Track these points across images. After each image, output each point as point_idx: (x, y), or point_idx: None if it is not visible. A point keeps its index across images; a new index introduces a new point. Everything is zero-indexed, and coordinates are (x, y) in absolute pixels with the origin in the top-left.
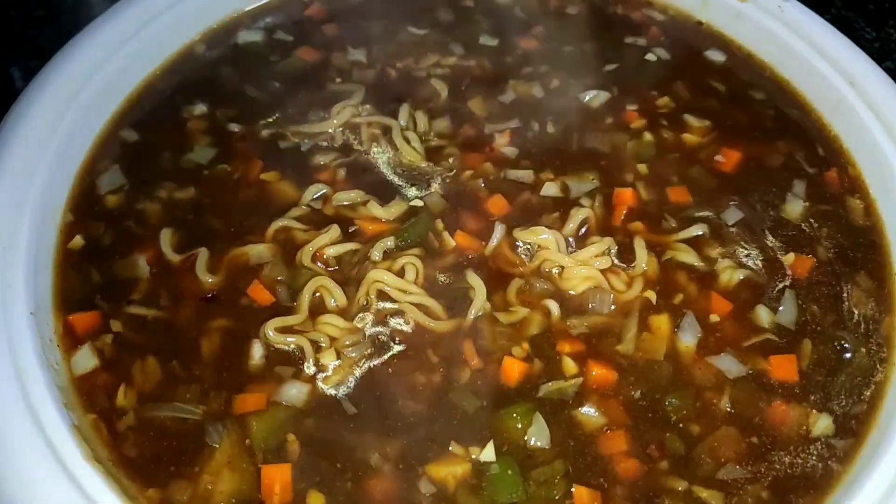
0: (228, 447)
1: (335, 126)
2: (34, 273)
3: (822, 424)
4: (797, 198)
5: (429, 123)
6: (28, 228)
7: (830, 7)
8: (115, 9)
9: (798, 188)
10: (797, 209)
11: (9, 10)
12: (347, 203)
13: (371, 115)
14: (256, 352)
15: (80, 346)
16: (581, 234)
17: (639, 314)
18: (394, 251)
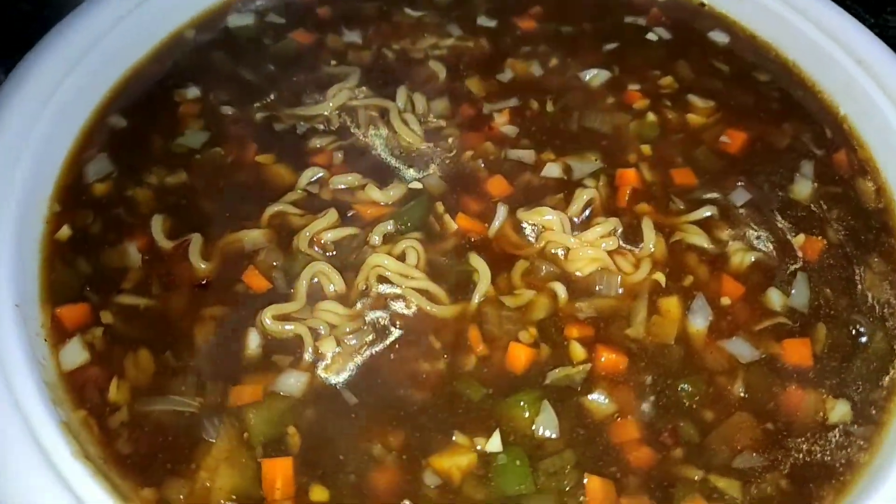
0: (226, 442)
1: (331, 109)
2: (19, 265)
3: (840, 411)
4: (806, 178)
5: (427, 105)
6: (12, 219)
7: None
8: None
9: (806, 169)
10: (806, 190)
11: None
12: (345, 187)
13: (368, 98)
14: (253, 341)
15: (69, 340)
16: (585, 216)
17: (648, 297)
18: (393, 235)
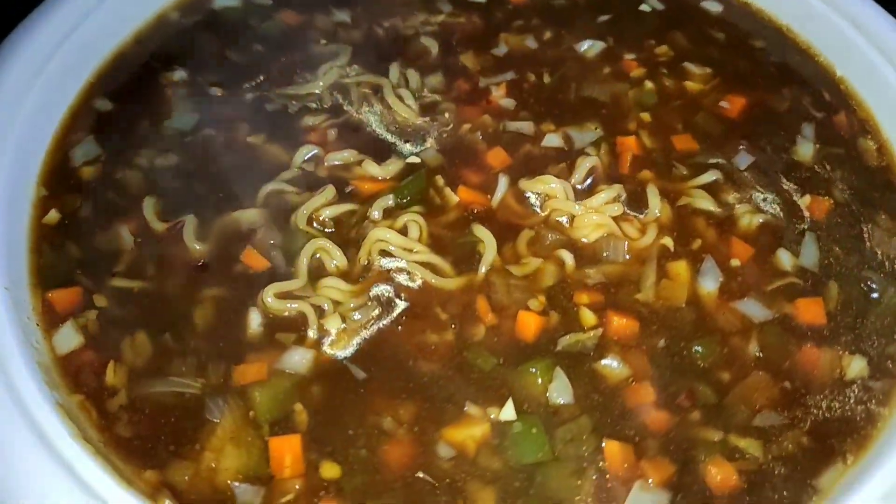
0: (231, 421)
1: (322, 87)
2: (7, 250)
3: (857, 366)
4: (807, 140)
5: (421, 80)
6: None
7: None
8: None
9: (807, 131)
10: (809, 151)
11: None
12: (341, 163)
13: (360, 75)
14: (254, 320)
15: (62, 325)
16: (588, 184)
17: (656, 261)
18: (394, 210)
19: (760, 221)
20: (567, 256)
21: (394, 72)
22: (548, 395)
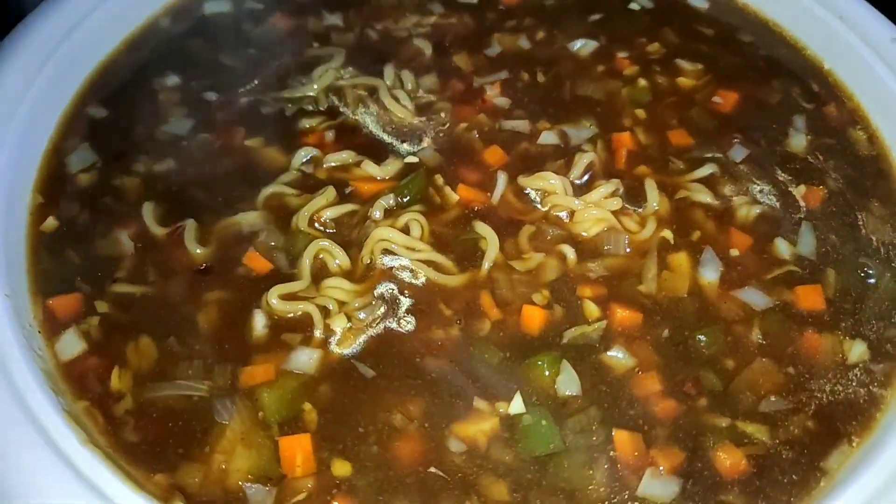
0: (240, 423)
1: (317, 90)
2: (5, 258)
3: (858, 350)
4: (799, 132)
5: (415, 81)
6: None
7: None
8: None
9: (799, 123)
10: (801, 143)
11: None
12: (339, 164)
13: (355, 78)
14: (259, 321)
15: (64, 331)
16: (586, 179)
17: (657, 253)
18: (394, 209)
19: (757, 212)
20: (568, 251)
21: (388, 73)
22: (556, 388)
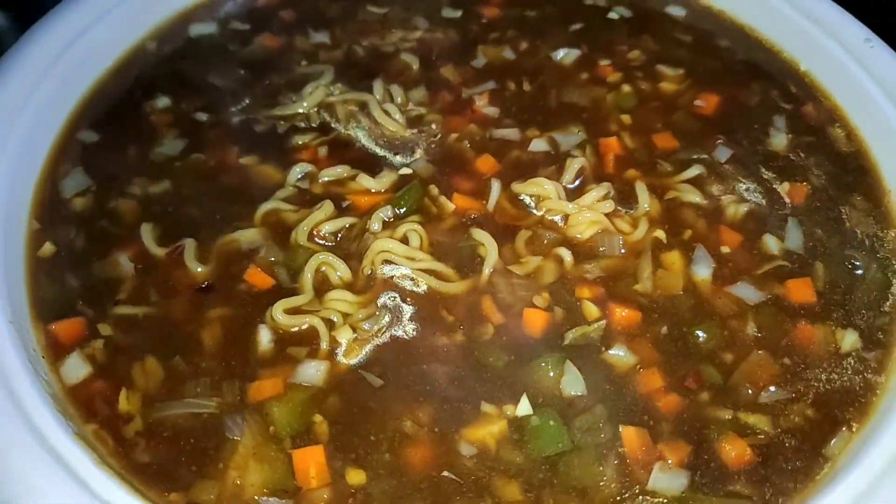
0: (251, 438)
1: (308, 106)
2: (6, 285)
3: (850, 339)
4: (780, 131)
5: (405, 95)
6: None
7: None
8: (57, 11)
9: (779, 123)
10: (782, 142)
11: None
12: (334, 179)
13: (345, 93)
14: (264, 337)
15: (68, 356)
16: (577, 184)
17: (651, 253)
18: (392, 220)
19: (745, 210)
20: (565, 253)
21: (378, 88)
22: (561, 388)
